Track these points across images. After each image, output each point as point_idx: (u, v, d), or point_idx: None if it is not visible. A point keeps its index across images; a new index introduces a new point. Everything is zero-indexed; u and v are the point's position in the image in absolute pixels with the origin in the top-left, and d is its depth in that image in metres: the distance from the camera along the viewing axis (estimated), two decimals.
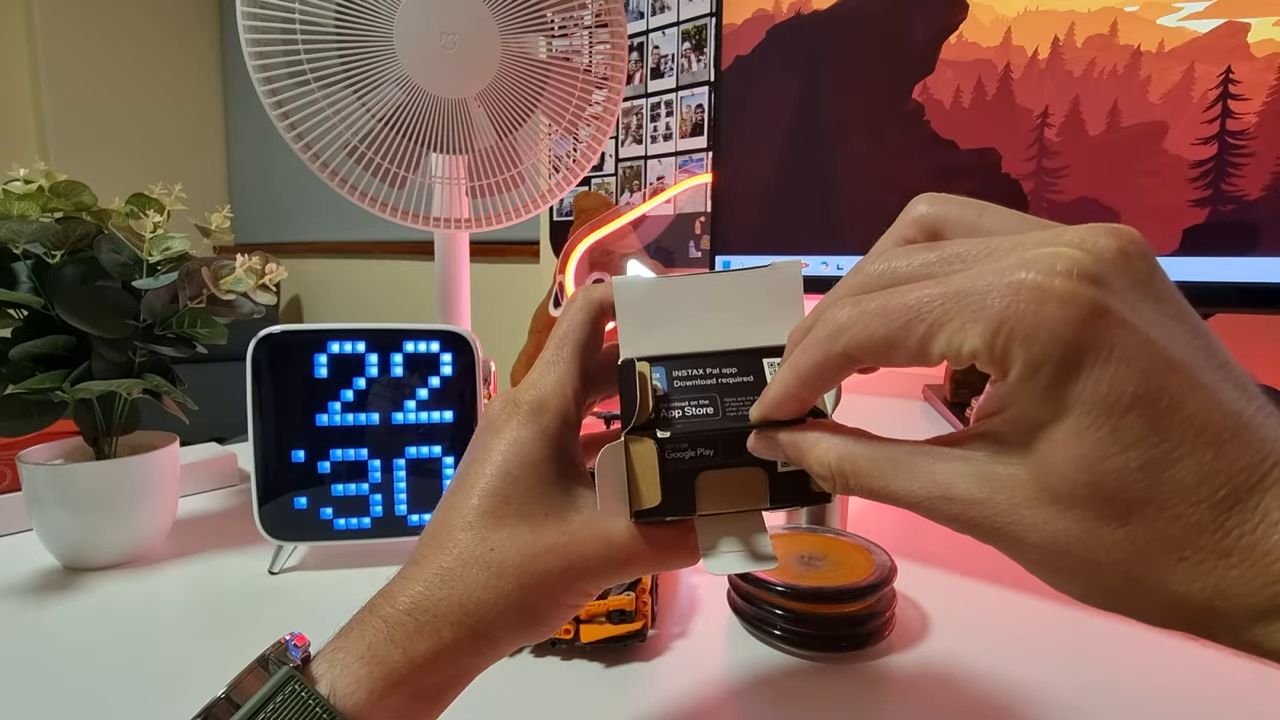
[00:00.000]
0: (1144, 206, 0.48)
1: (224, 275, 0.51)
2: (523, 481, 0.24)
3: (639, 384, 0.24)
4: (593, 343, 0.27)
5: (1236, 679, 0.38)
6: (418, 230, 0.67)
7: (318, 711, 0.21)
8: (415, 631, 0.23)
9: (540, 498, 0.24)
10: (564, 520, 0.24)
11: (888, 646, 0.40)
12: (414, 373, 0.48)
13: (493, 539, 0.24)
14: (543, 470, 0.24)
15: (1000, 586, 0.47)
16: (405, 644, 0.23)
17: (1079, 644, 0.41)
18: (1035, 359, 0.16)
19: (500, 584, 0.23)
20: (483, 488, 0.24)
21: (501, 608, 0.23)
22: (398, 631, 0.23)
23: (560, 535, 0.24)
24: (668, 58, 1.38)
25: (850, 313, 0.19)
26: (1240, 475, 0.16)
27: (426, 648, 0.23)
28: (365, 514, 0.48)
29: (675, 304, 0.25)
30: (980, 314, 0.16)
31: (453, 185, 0.67)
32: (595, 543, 0.24)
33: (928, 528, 0.58)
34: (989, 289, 0.17)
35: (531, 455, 0.24)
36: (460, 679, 0.24)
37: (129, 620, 0.43)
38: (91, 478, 0.47)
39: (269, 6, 0.58)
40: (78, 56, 2.56)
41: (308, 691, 0.22)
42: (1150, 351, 0.16)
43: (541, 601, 0.23)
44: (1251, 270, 0.45)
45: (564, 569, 0.23)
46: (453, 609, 0.23)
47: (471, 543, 0.24)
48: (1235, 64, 0.44)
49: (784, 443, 0.22)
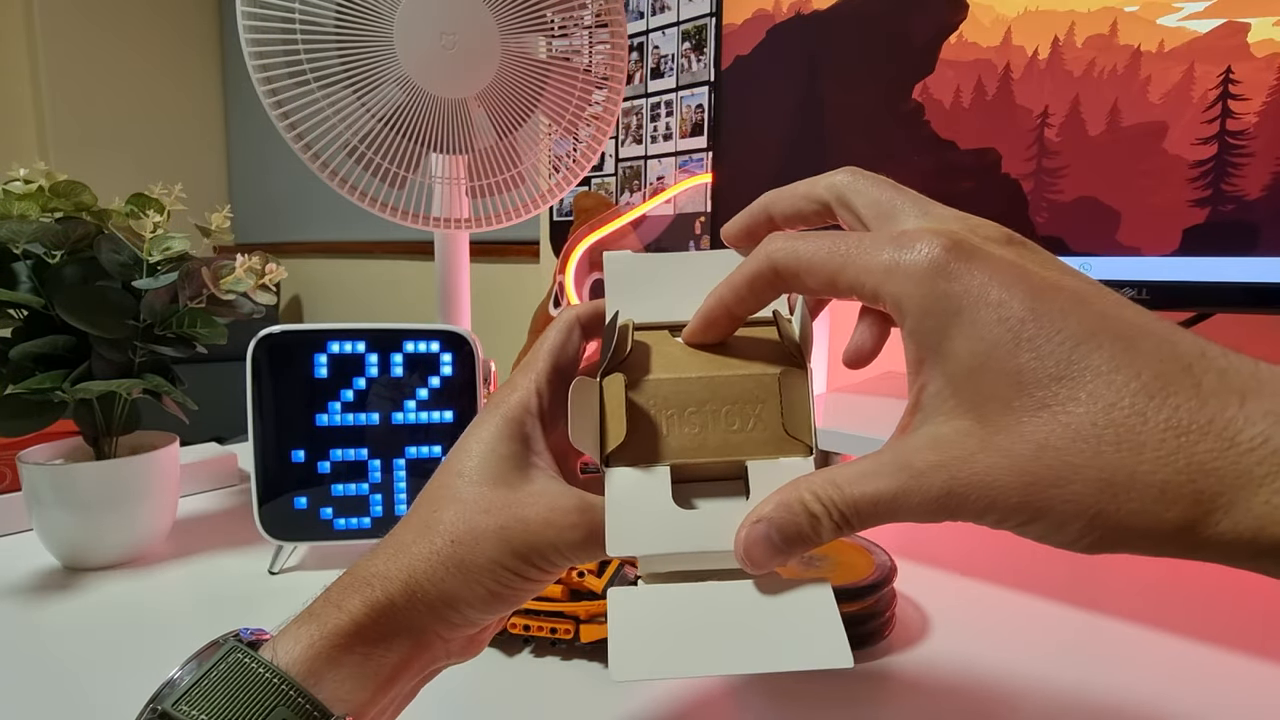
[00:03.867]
0: (1144, 206, 0.48)
1: (224, 275, 0.50)
2: (477, 457, 0.25)
3: (618, 333, 0.24)
4: (568, 350, 0.28)
5: (1237, 678, 0.38)
6: (418, 230, 0.67)
7: (259, 672, 0.22)
8: (349, 588, 0.24)
9: (489, 469, 0.25)
10: (510, 488, 0.24)
11: (888, 646, 0.40)
12: (414, 373, 0.48)
13: (437, 504, 0.25)
14: (499, 448, 0.25)
15: (1000, 586, 0.47)
16: (339, 600, 0.23)
17: (1079, 644, 0.41)
18: (921, 296, 0.19)
19: (432, 540, 0.24)
20: (442, 469, 0.26)
21: (431, 562, 0.23)
22: (334, 592, 0.24)
23: (499, 499, 0.24)
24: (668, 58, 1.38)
25: (783, 240, 0.22)
26: (1165, 364, 0.16)
27: (358, 601, 0.23)
28: (365, 514, 0.48)
29: (660, 277, 0.26)
30: (877, 260, 0.20)
31: (453, 185, 0.67)
32: (539, 508, 0.24)
33: (927, 528, 0.58)
34: (888, 241, 0.20)
35: (488, 437, 0.25)
36: (405, 639, 0.24)
37: (129, 620, 0.43)
38: (91, 478, 0.47)
39: (269, 6, 0.58)
40: (78, 56, 2.55)
41: (249, 657, 0.22)
42: (1026, 273, 0.18)
43: (473, 559, 0.23)
44: (1251, 270, 0.45)
45: (498, 527, 0.23)
46: (385, 564, 0.24)
47: (422, 511, 0.25)
48: (1235, 64, 0.44)
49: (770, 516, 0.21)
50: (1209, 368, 0.16)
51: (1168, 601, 0.46)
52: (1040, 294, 0.18)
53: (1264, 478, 0.15)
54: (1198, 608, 0.45)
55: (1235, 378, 0.16)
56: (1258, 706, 0.35)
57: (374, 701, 0.23)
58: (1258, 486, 0.15)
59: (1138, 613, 0.44)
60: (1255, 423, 0.15)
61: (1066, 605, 0.45)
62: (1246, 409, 0.15)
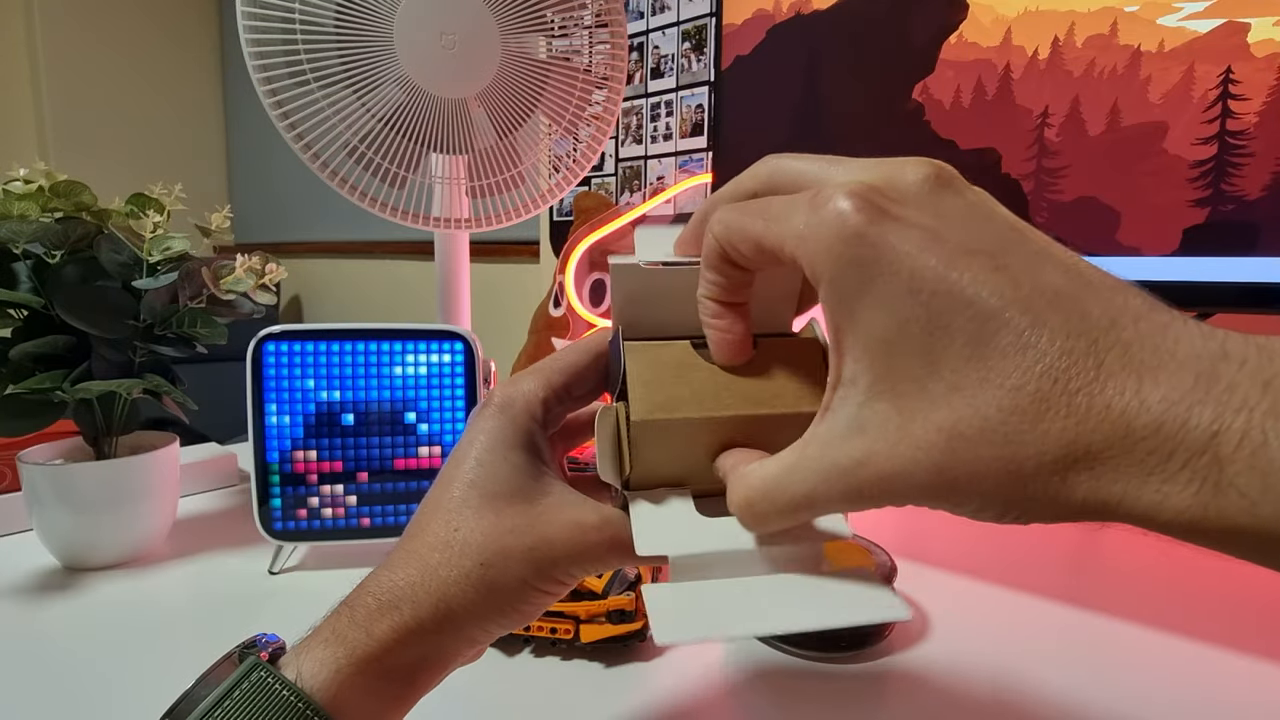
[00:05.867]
0: (1144, 206, 0.48)
1: (224, 275, 0.50)
2: (489, 467, 0.24)
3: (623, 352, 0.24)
4: (585, 374, 0.27)
5: (1237, 678, 0.38)
6: (418, 230, 0.67)
7: (284, 694, 0.21)
8: (376, 611, 0.23)
9: (506, 482, 0.24)
10: (531, 504, 0.24)
11: (888, 646, 0.40)
12: (414, 373, 0.48)
13: (458, 521, 0.24)
14: (511, 457, 0.25)
15: (1000, 586, 0.47)
16: (367, 624, 0.23)
17: (1079, 644, 0.41)
18: (833, 263, 0.18)
19: (462, 562, 0.23)
20: (451, 477, 0.25)
21: (463, 586, 0.23)
22: (360, 613, 0.23)
23: (524, 517, 0.24)
24: (668, 58, 1.38)
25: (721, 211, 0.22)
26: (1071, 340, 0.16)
27: (387, 626, 0.23)
28: (365, 514, 0.48)
29: (665, 291, 0.25)
30: (791, 225, 0.19)
31: (453, 185, 0.67)
32: (563, 525, 0.24)
33: (927, 528, 0.58)
34: (804, 202, 0.19)
35: (498, 444, 0.25)
36: (431, 662, 0.24)
37: (129, 620, 0.43)
38: (91, 478, 0.47)
39: (269, 6, 0.58)
40: (78, 57, 2.55)
41: (274, 677, 0.22)
42: (939, 239, 0.17)
43: (504, 581, 0.23)
44: (1251, 270, 0.45)
45: (527, 549, 0.23)
46: (413, 589, 0.23)
47: (439, 527, 0.24)
48: (1235, 64, 0.44)
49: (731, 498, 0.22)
50: (1115, 342, 0.16)
51: (1168, 601, 0.46)
52: (952, 264, 0.17)
53: (1154, 469, 0.15)
54: (1198, 608, 0.45)
55: (1140, 352, 0.15)
56: (1258, 706, 0.35)
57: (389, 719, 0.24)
58: (1147, 476, 0.15)
59: (1138, 613, 0.44)
60: (1150, 408, 0.15)
61: (1066, 605, 0.45)
62: (1143, 393, 0.15)
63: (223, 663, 0.23)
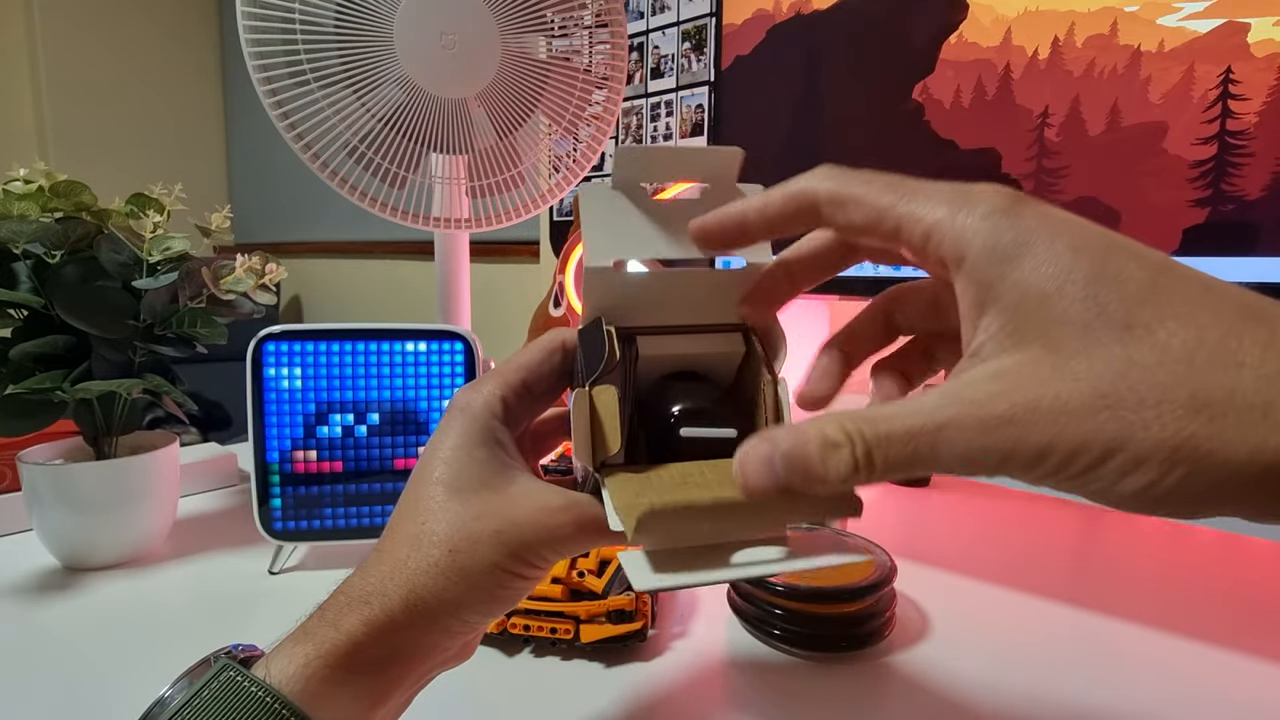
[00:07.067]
0: (1144, 206, 0.48)
1: (224, 275, 0.50)
2: (454, 465, 0.25)
3: (606, 336, 0.24)
4: (542, 370, 0.27)
5: (1237, 678, 0.38)
6: (418, 230, 0.67)
7: (253, 691, 0.21)
8: (345, 607, 0.23)
9: (472, 477, 0.24)
10: (496, 492, 0.24)
11: (888, 646, 0.40)
12: (414, 373, 0.48)
13: (425, 516, 0.24)
14: (476, 454, 0.25)
15: (1000, 586, 0.47)
16: (335, 620, 0.23)
17: (1079, 644, 0.41)
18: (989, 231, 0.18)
19: (430, 552, 0.23)
20: (419, 480, 0.25)
21: (432, 574, 0.23)
22: (329, 611, 0.23)
23: (490, 504, 0.24)
24: (668, 58, 1.38)
25: (830, 169, 0.21)
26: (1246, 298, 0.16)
27: (356, 620, 0.23)
28: (365, 514, 0.48)
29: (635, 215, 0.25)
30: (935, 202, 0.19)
31: (453, 185, 0.67)
32: (529, 508, 0.24)
33: (927, 528, 0.58)
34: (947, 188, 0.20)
35: (463, 443, 0.25)
36: (405, 655, 0.24)
37: (129, 620, 0.43)
38: (91, 478, 0.47)
39: (269, 6, 0.58)
40: (78, 57, 2.55)
41: (243, 675, 0.22)
42: (1072, 217, 0.18)
43: (473, 565, 0.23)
44: (1251, 270, 0.45)
45: (494, 532, 0.23)
46: (381, 582, 0.23)
47: (409, 525, 0.24)
48: (1235, 64, 0.44)
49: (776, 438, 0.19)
50: None
51: (1168, 601, 0.46)
52: (1110, 232, 0.18)
53: None
54: (1198, 608, 0.45)
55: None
56: (1258, 706, 0.35)
57: (369, 718, 0.24)
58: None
59: (1138, 613, 0.44)
60: None
61: (1066, 605, 0.45)
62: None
63: (196, 667, 0.23)
